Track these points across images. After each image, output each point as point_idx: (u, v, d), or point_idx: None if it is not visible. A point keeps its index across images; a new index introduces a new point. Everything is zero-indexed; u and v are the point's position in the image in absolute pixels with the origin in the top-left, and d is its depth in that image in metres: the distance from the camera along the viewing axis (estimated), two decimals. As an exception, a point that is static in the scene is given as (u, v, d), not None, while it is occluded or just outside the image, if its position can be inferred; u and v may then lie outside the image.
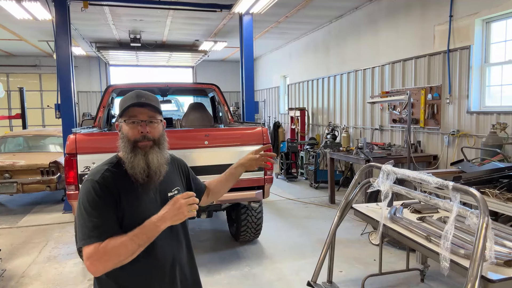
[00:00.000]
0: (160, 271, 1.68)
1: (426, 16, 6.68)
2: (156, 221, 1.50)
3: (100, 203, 1.54)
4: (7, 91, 14.99)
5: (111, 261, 1.48)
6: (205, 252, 5.12)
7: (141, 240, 1.49)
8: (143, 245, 1.51)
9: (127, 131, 1.66)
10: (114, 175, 1.62)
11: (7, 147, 8.18)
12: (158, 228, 1.51)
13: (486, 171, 4.03)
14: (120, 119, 1.69)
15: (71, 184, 3.85)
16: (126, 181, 1.63)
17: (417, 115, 6.89)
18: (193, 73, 17.64)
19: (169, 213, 1.50)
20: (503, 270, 2.19)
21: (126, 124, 1.66)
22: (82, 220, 1.53)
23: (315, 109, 11.28)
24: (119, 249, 1.48)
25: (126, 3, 7.96)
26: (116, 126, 1.75)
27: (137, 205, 1.63)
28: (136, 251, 1.50)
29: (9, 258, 5.03)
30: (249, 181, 4.45)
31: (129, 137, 1.65)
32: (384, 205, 3.11)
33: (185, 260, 1.81)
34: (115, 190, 1.58)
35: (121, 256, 1.48)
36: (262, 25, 10.20)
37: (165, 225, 1.52)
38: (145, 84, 6.39)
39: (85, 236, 1.50)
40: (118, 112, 1.72)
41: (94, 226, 1.50)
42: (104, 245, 1.48)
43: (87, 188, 1.57)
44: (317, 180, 8.95)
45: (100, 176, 1.59)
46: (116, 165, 1.67)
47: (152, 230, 1.51)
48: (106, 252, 1.47)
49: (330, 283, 3.66)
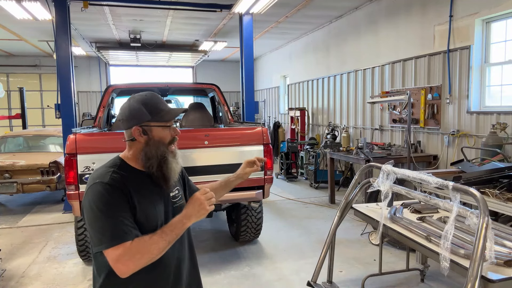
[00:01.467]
0: (166, 271, 1.70)
1: (426, 16, 6.68)
2: (182, 219, 1.58)
3: (116, 204, 1.53)
4: (7, 91, 14.99)
5: (144, 259, 1.50)
6: (205, 252, 5.12)
7: (170, 237, 1.55)
8: (172, 242, 1.56)
9: (163, 135, 1.68)
10: (122, 177, 1.61)
11: (7, 147, 8.18)
12: (184, 225, 1.59)
13: (486, 171, 4.03)
14: (153, 123, 1.66)
15: (71, 184, 3.85)
16: (133, 182, 1.63)
17: (417, 115, 6.89)
18: (193, 73, 17.64)
19: (193, 210, 1.59)
20: (503, 270, 2.19)
21: (163, 129, 1.68)
22: (100, 223, 1.51)
23: (315, 109, 11.28)
24: (151, 247, 1.50)
25: (126, 3, 7.96)
26: (136, 129, 1.65)
27: (145, 205, 1.63)
28: (166, 248, 1.55)
29: (9, 258, 5.03)
30: (249, 181, 4.44)
31: (164, 141, 1.69)
32: (384, 205, 3.11)
33: (188, 259, 1.83)
34: (125, 190, 1.58)
35: (153, 254, 1.51)
36: (262, 25, 10.19)
37: (191, 221, 1.60)
38: (145, 84, 6.39)
39: (109, 238, 1.48)
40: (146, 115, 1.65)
41: (117, 227, 1.49)
42: (135, 244, 1.49)
43: (98, 191, 1.54)
44: (317, 180, 8.95)
45: (109, 178, 1.57)
46: (121, 167, 1.65)
47: (179, 228, 1.58)
48: (139, 251, 1.48)
49: (330, 283, 3.66)
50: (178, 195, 1.83)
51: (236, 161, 4.38)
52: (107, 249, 1.48)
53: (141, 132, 1.66)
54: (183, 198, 1.87)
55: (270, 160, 4.53)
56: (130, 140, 1.68)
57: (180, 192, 1.86)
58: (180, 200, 1.83)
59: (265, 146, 4.49)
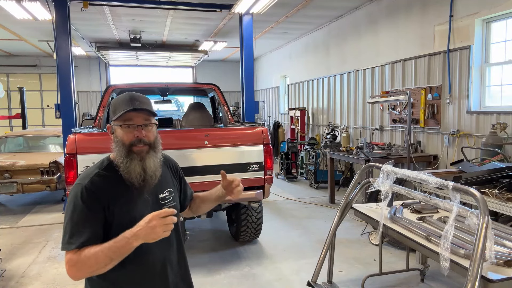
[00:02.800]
0: (151, 272, 1.67)
1: (426, 16, 6.68)
2: (129, 237, 1.44)
3: (84, 210, 1.53)
4: (7, 91, 14.99)
5: (84, 270, 1.50)
6: (205, 252, 5.12)
7: (113, 254, 1.46)
8: (116, 260, 1.47)
9: (122, 135, 1.63)
10: (104, 179, 1.60)
11: (7, 147, 8.18)
12: (130, 245, 1.45)
13: (486, 171, 4.03)
14: (114, 122, 1.66)
15: (71, 184, 3.85)
16: (117, 184, 1.61)
17: (417, 115, 6.89)
18: (193, 73, 17.64)
19: (143, 231, 1.42)
20: (503, 270, 2.19)
21: (122, 128, 1.63)
22: (66, 224, 1.55)
23: (315, 109, 11.28)
24: (90, 260, 1.47)
25: (126, 3, 7.96)
26: (108, 128, 1.71)
27: (129, 209, 1.61)
28: (108, 264, 1.47)
29: (9, 258, 5.03)
30: (249, 181, 4.44)
31: (124, 141, 1.63)
32: (384, 205, 3.11)
33: (175, 260, 1.79)
34: (103, 195, 1.56)
35: (92, 267, 1.48)
36: (262, 25, 10.19)
37: (138, 242, 1.45)
38: (145, 84, 6.39)
39: (65, 241, 1.52)
40: (111, 114, 1.68)
41: (74, 233, 1.51)
42: (80, 253, 1.49)
43: (74, 192, 1.57)
44: (317, 180, 8.95)
45: (88, 181, 1.57)
46: (107, 168, 1.64)
47: (124, 246, 1.45)
48: (79, 261, 1.48)
49: (330, 283, 3.66)
50: (169, 197, 1.78)
51: (236, 161, 4.38)
52: (64, 251, 1.52)
53: (110, 131, 1.69)
54: (175, 200, 1.82)
55: (270, 160, 4.53)
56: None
57: (172, 194, 1.80)
58: (171, 202, 1.77)
59: (265, 146, 4.49)
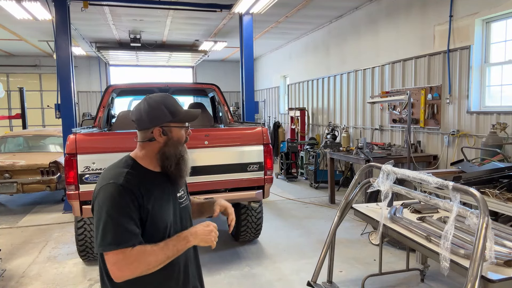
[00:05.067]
0: (176, 270, 1.71)
1: (426, 16, 6.68)
2: (189, 236, 1.60)
3: (125, 208, 1.53)
4: (7, 91, 14.99)
5: (140, 268, 1.49)
6: (205, 252, 5.11)
7: (170, 252, 1.54)
8: (172, 257, 1.55)
9: (181, 135, 1.72)
10: (135, 178, 1.61)
11: (7, 147, 8.18)
12: (188, 243, 1.60)
13: (486, 171, 4.03)
14: (174, 124, 1.69)
15: (71, 184, 3.85)
16: (147, 182, 1.63)
17: (417, 115, 6.89)
18: (193, 73, 17.64)
19: (201, 232, 1.62)
20: (503, 270, 2.19)
21: (181, 129, 1.72)
22: (106, 225, 1.50)
23: (315, 109, 11.28)
24: (149, 258, 1.49)
25: (126, 3, 7.96)
26: (158, 131, 1.66)
27: (159, 205, 1.65)
28: (164, 262, 1.53)
29: (9, 258, 5.03)
30: (249, 181, 4.45)
31: (181, 140, 1.73)
32: (384, 205, 3.11)
33: (193, 258, 1.86)
34: (138, 192, 1.57)
35: (150, 265, 1.50)
36: (262, 25, 10.19)
37: (195, 242, 1.62)
38: (145, 84, 6.39)
39: (112, 241, 1.48)
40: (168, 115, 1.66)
41: (121, 232, 1.49)
42: (135, 252, 1.48)
43: (110, 192, 1.54)
44: (317, 180, 8.95)
45: (123, 179, 1.57)
46: (134, 167, 1.65)
47: (182, 244, 1.58)
48: (137, 259, 1.47)
49: (330, 283, 3.66)
50: (184, 195, 1.84)
51: (236, 161, 4.39)
52: (108, 252, 1.48)
53: (161, 132, 1.67)
54: (188, 199, 1.89)
55: (270, 160, 4.53)
56: (148, 141, 1.67)
57: (185, 193, 1.87)
58: (185, 201, 1.84)
59: (265, 146, 4.49)
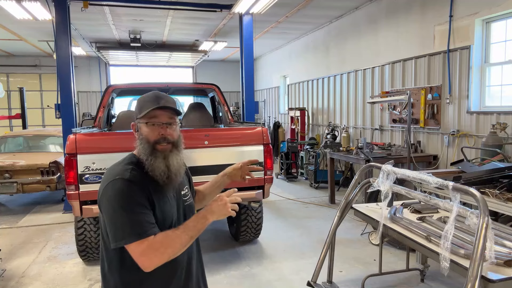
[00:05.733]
0: (179, 268, 1.72)
1: (426, 16, 6.68)
2: (206, 213, 1.61)
3: (137, 200, 1.54)
4: (7, 91, 14.98)
5: (167, 253, 1.51)
6: (205, 252, 5.09)
7: (192, 232, 1.57)
8: (195, 237, 1.60)
9: (147, 132, 1.66)
10: (139, 174, 1.62)
11: (7, 147, 8.18)
12: (207, 221, 1.61)
13: (486, 171, 4.02)
14: (139, 120, 1.68)
15: (71, 184, 3.84)
16: (150, 179, 1.64)
17: (417, 115, 6.89)
18: (193, 73, 17.63)
19: (217, 208, 1.62)
20: (503, 270, 2.19)
21: (147, 126, 1.66)
22: (123, 219, 1.51)
23: (315, 109, 11.28)
24: (174, 241, 1.52)
25: (126, 3, 7.96)
26: (133, 126, 1.74)
27: (164, 202, 1.66)
28: (188, 243, 1.57)
29: (9, 258, 5.03)
30: (249, 181, 4.43)
31: (149, 138, 1.66)
32: (384, 205, 3.11)
33: (196, 254, 1.88)
34: (146, 188, 1.59)
35: (176, 248, 1.53)
36: (262, 25, 10.19)
37: (213, 218, 1.61)
38: (145, 84, 6.39)
39: (132, 233, 1.49)
40: (136, 112, 1.70)
41: (140, 223, 1.50)
42: (159, 238, 1.51)
43: (119, 187, 1.55)
44: (317, 180, 8.95)
45: (129, 175, 1.58)
46: (138, 164, 1.66)
47: (201, 223, 1.60)
48: (163, 245, 1.50)
49: (330, 283, 3.66)
50: (188, 193, 1.86)
51: (236, 161, 4.37)
52: (131, 244, 1.49)
53: (135, 128, 1.71)
54: (192, 197, 1.90)
55: (270, 160, 4.53)
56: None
57: (189, 191, 1.89)
58: (190, 198, 1.86)
59: (265, 146, 4.49)
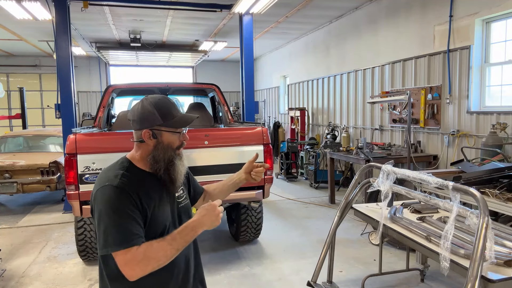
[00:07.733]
0: (176, 270, 1.71)
1: (426, 16, 6.68)
2: (195, 225, 1.56)
3: (125, 208, 1.53)
4: (7, 91, 14.98)
5: (151, 265, 1.49)
6: (205, 252, 5.11)
7: (179, 245, 1.53)
8: (181, 249, 1.54)
9: (173, 139, 1.69)
10: (131, 179, 1.61)
11: (7, 147, 8.18)
12: (196, 233, 1.56)
13: (486, 171, 4.02)
14: (165, 128, 1.67)
15: (71, 184, 3.84)
16: (142, 185, 1.63)
17: (417, 115, 6.89)
18: (193, 73, 17.63)
19: (208, 219, 1.56)
20: (503, 270, 2.19)
21: (173, 134, 1.69)
22: (109, 227, 1.50)
23: (315, 109, 11.28)
24: (158, 253, 1.49)
25: (126, 3, 7.96)
26: (147, 133, 1.66)
27: (157, 206, 1.65)
28: (174, 256, 1.53)
29: (9, 258, 5.03)
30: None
31: (173, 145, 1.70)
32: (384, 205, 3.11)
33: (193, 256, 1.86)
34: (135, 194, 1.57)
35: (160, 261, 1.50)
36: (262, 25, 10.19)
37: (202, 229, 1.57)
38: (145, 84, 6.39)
39: (118, 241, 1.48)
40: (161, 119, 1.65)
41: (125, 231, 1.49)
42: (142, 249, 1.48)
43: (107, 194, 1.54)
44: (317, 180, 8.95)
45: (119, 181, 1.57)
46: (129, 169, 1.66)
47: (189, 235, 1.55)
48: (146, 257, 1.47)
49: (330, 283, 3.65)
50: (183, 195, 1.84)
51: (236, 161, 4.38)
52: (116, 252, 1.48)
53: (150, 135, 1.67)
54: (187, 197, 1.89)
55: (270, 160, 4.53)
56: (139, 142, 1.69)
57: (185, 192, 1.88)
58: (185, 200, 1.85)
59: (265, 146, 4.49)
